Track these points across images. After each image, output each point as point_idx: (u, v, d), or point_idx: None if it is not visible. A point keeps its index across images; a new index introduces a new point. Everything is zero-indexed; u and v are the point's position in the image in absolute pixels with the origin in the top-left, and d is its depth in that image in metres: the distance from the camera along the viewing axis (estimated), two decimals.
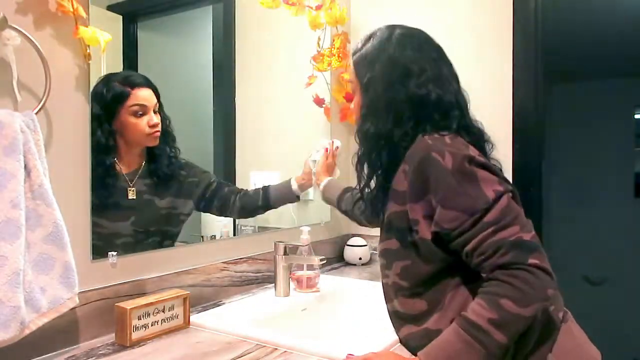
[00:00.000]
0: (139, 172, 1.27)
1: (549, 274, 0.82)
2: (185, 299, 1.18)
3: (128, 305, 1.08)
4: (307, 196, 1.74)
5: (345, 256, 1.91)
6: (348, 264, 1.90)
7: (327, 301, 1.45)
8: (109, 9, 1.25)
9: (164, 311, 1.14)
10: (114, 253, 1.14)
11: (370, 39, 1.03)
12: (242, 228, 1.60)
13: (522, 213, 0.87)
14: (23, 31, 0.94)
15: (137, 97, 1.22)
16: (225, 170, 1.61)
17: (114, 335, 1.09)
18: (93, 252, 1.10)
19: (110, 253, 1.13)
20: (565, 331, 0.93)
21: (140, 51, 1.35)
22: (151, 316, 1.11)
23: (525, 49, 1.67)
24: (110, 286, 1.13)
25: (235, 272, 1.46)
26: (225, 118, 1.62)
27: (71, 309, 0.98)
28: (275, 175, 1.62)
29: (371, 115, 0.99)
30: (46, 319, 0.93)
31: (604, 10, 2.51)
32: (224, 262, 1.43)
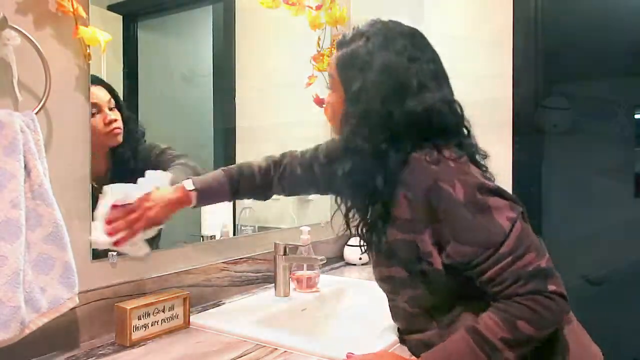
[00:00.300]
0: (108, 177, 1.21)
1: (565, 298, 0.82)
2: (185, 299, 1.18)
3: (128, 305, 1.08)
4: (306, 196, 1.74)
5: (345, 256, 1.91)
6: (348, 264, 1.89)
7: (327, 301, 1.44)
8: (109, 9, 1.25)
9: (164, 311, 1.14)
10: (114, 253, 1.14)
11: (362, 37, 0.94)
12: (242, 228, 1.60)
13: (534, 235, 0.86)
14: (23, 31, 0.94)
15: None
16: None
17: (114, 335, 1.09)
18: (93, 252, 1.10)
19: (110, 253, 1.13)
20: (570, 332, 0.93)
21: (140, 51, 1.35)
22: (151, 316, 1.11)
23: (525, 49, 1.67)
24: (110, 286, 1.13)
25: (235, 272, 1.46)
26: (225, 118, 1.63)
27: (71, 309, 0.98)
28: None
29: (362, 129, 0.90)
30: (46, 319, 0.93)
31: (604, 10, 2.51)
32: (224, 262, 1.42)
